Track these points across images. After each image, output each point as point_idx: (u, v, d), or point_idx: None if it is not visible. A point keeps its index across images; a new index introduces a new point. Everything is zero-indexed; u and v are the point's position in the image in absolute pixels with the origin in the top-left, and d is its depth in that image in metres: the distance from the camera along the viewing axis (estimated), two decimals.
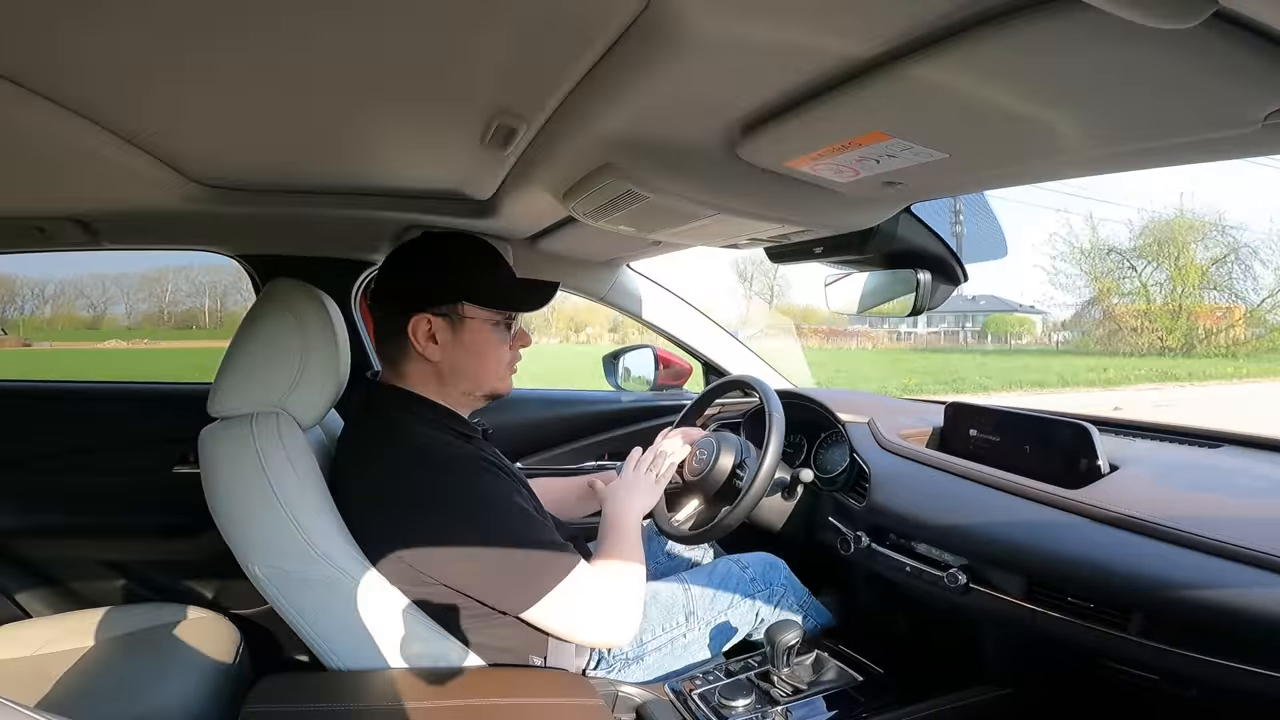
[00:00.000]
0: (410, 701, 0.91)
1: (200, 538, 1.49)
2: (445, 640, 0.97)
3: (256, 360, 1.04)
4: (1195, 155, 0.67)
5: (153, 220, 1.29)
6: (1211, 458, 1.13)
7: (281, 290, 1.08)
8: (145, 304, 17.31)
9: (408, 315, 1.01)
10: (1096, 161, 0.73)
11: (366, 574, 0.95)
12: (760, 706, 1.06)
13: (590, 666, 1.11)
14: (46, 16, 0.56)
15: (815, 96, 0.64)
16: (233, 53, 0.64)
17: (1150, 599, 0.85)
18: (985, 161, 0.77)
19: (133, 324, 16.52)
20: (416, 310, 1.01)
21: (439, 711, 0.90)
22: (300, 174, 1.12)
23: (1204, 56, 0.48)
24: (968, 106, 0.60)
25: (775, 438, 1.24)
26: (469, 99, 0.77)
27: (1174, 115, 0.59)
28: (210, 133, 0.89)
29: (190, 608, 1.39)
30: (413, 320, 1.01)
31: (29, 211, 1.24)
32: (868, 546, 1.22)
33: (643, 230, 1.12)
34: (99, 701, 1.10)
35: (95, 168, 0.94)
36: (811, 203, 0.93)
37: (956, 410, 1.37)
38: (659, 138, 0.79)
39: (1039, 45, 0.49)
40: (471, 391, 1.07)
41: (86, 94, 0.72)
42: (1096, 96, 0.57)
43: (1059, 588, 0.94)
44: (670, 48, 0.57)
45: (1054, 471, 1.08)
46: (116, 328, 15.74)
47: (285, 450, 0.99)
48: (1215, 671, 0.79)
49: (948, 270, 1.21)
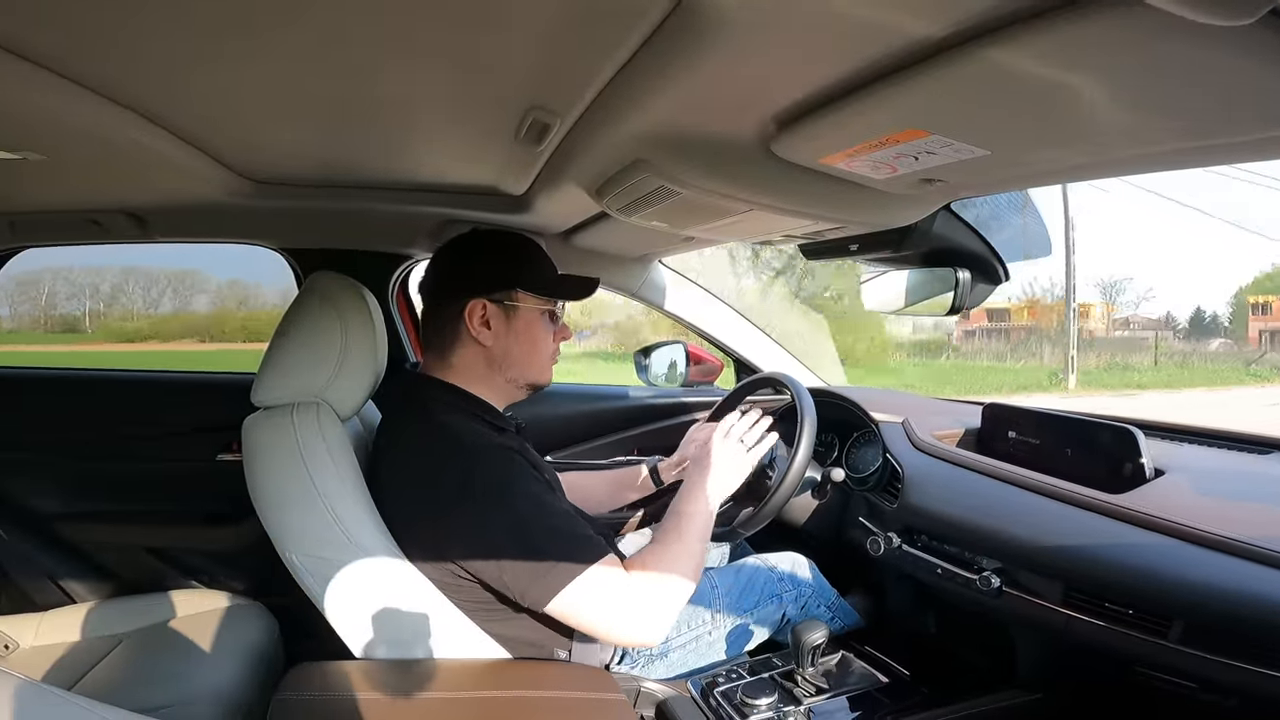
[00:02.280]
0: (437, 692, 0.92)
1: (242, 526, 1.53)
2: (473, 632, 0.98)
3: (298, 351, 1.07)
4: (1248, 154, 0.64)
5: (200, 213, 1.33)
6: (1261, 464, 1.09)
7: (323, 283, 1.11)
8: (25, 306, 16.47)
9: (463, 301, 1.04)
10: (1144, 160, 0.71)
11: (399, 565, 0.96)
12: (782, 706, 1.05)
13: (614, 662, 1.12)
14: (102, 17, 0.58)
15: (852, 92, 0.63)
16: (276, 51, 0.66)
17: (1192, 606, 0.82)
18: (1028, 159, 0.75)
19: (17, 327, 15.99)
20: (473, 296, 1.04)
21: (465, 702, 0.91)
22: (340, 170, 1.15)
23: (1260, 54, 0.46)
24: (1012, 103, 0.59)
25: (806, 436, 1.23)
26: (503, 95, 0.78)
27: (1228, 114, 0.57)
28: (255, 129, 0.92)
29: (229, 595, 1.43)
30: (469, 305, 1.04)
31: (85, 204, 1.28)
32: (898, 547, 1.21)
33: (675, 226, 1.12)
34: (137, 686, 1.14)
35: (147, 162, 0.97)
36: (847, 199, 0.92)
37: (994, 411, 1.35)
38: (693, 133, 0.78)
39: (1088, 41, 0.48)
40: (516, 379, 1.09)
41: (138, 90, 0.75)
42: (1148, 94, 0.55)
43: (1097, 593, 0.91)
44: (705, 42, 0.57)
45: (1096, 475, 1.05)
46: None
47: (324, 440, 1.01)
48: (1257, 681, 0.76)
49: (988, 269, 1.18)
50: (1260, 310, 21.54)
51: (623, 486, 1.41)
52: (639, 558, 0.98)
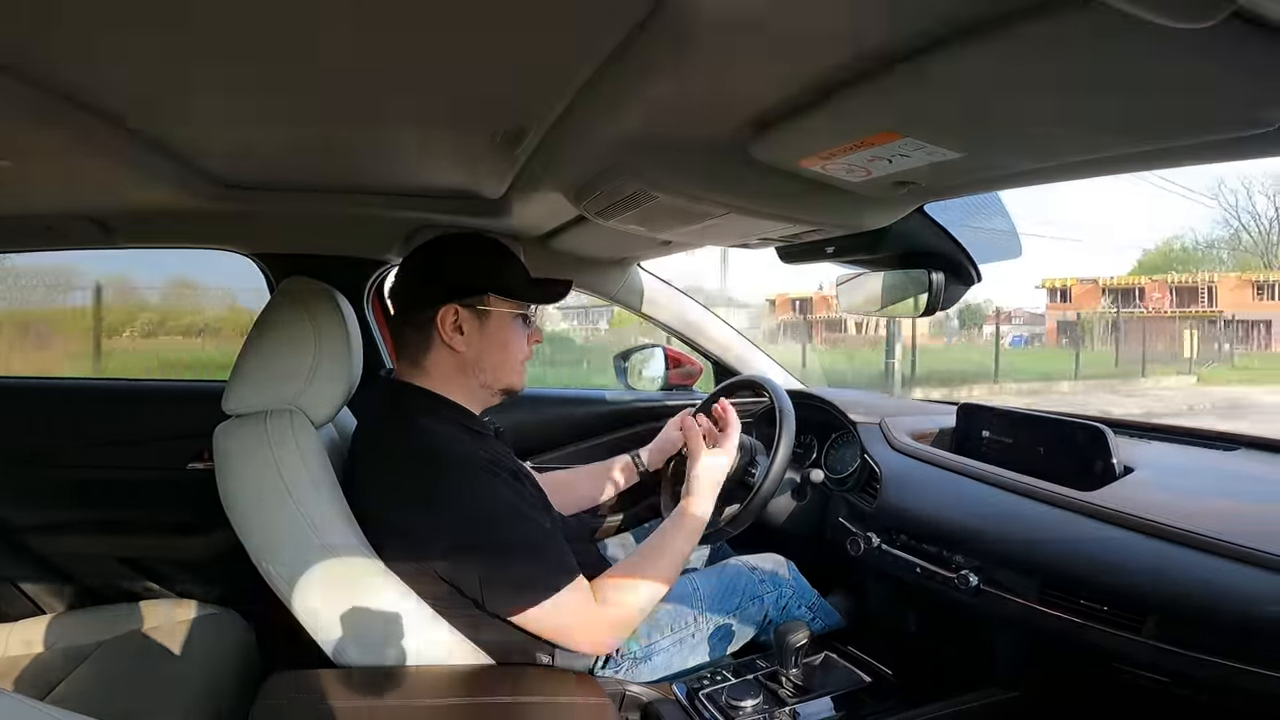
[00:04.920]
0: (418, 699, 0.91)
1: (214, 534, 1.50)
2: (454, 638, 0.97)
3: (271, 358, 1.05)
4: (1213, 155, 0.66)
5: (168, 219, 1.30)
6: (1227, 461, 1.12)
7: (296, 289, 1.09)
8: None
9: (436, 307, 1.03)
10: (1113, 162, 0.72)
11: (377, 572, 0.95)
12: (767, 707, 1.05)
13: (598, 666, 1.11)
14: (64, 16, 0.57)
15: (828, 95, 0.63)
16: (247, 54, 0.65)
17: (1164, 602, 0.84)
18: (999, 162, 0.76)
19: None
20: (444, 301, 1.03)
21: (446, 709, 0.90)
22: (313, 174, 1.13)
23: (1222, 56, 0.47)
24: (983, 106, 0.60)
25: (786, 438, 1.24)
26: (479, 99, 0.77)
27: (1191, 115, 0.58)
28: (225, 133, 0.90)
29: (203, 605, 1.40)
30: (441, 311, 1.03)
31: (46, 210, 1.25)
32: (878, 547, 1.22)
33: (653, 229, 1.12)
34: (111, 696, 1.11)
35: (113, 167, 0.95)
36: (824, 202, 0.93)
37: (969, 411, 1.37)
38: (670, 137, 0.79)
39: (1056, 44, 0.49)
40: (491, 384, 1.08)
41: (103, 93, 0.73)
42: (1114, 96, 0.57)
43: (1072, 590, 0.93)
44: (681, 46, 0.57)
45: (1068, 473, 1.07)
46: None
47: (298, 448, 1.00)
48: (1230, 675, 0.78)
49: (961, 271, 1.20)
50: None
51: (606, 479, 1.42)
52: (615, 574, 1.03)
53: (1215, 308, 21.69)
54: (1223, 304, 21.68)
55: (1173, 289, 23.83)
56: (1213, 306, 21.97)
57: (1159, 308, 22.73)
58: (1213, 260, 26.75)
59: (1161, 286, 24.03)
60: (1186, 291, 23.37)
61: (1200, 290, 23.14)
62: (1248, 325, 21.07)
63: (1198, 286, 23.27)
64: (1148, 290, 24.14)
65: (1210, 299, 22.61)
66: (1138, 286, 24.47)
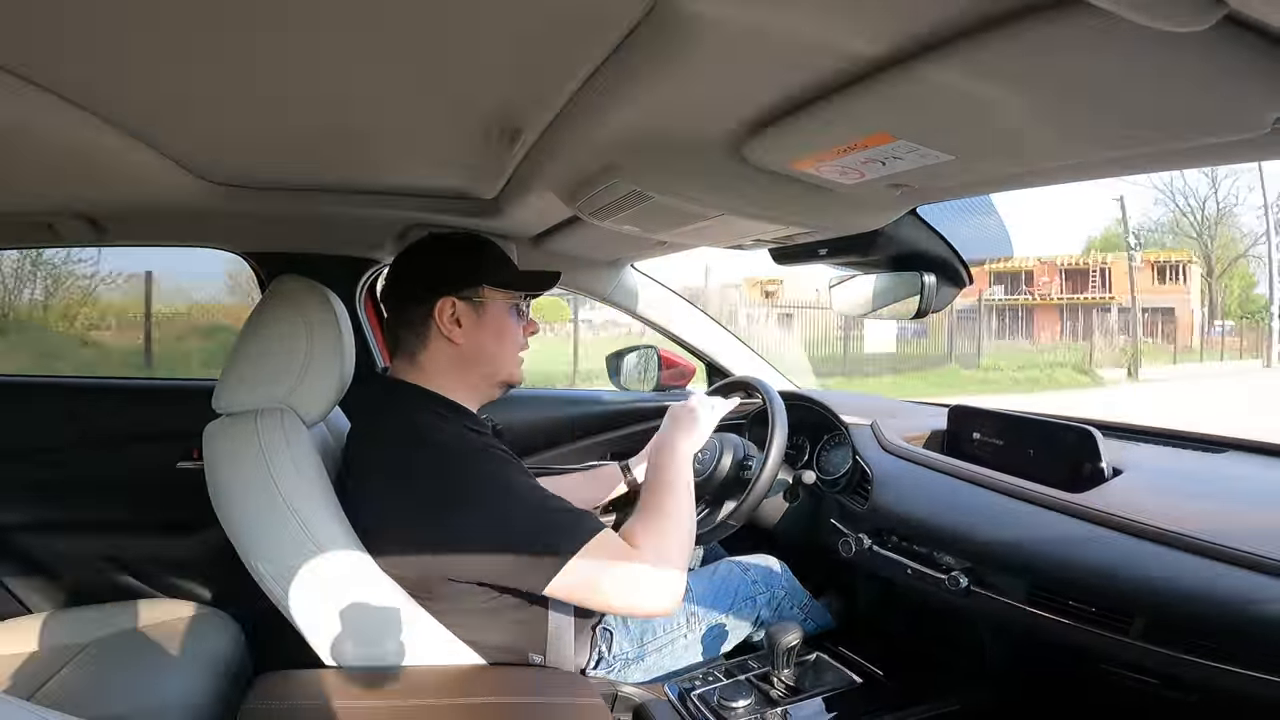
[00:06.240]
0: (410, 699, 0.91)
1: (203, 534, 1.49)
2: (446, 638, 0.97)
3: (262, 356, 1.04)
4: (1205, 159, 0.67)
5: (160, 217, 1.29)
6: (1215, 463, 1.13)
7: (287, 287, 1.09)
8: None
9: (432, 300, 1.03)
10: (1105, 165, 0.73)
11: (369, 572, 0.95)
12: (759, 708, 1.05)
13: (590, 666, 1.11)
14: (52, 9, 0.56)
15: (822, 97, 0.64)
16: (240, 50, 0.65)
17: (1153, 603, 0.85)
18: (992, 164, 0.77)
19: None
20: (441, 294, 1.03)
21: (438, 709, 0.90)
22: (306, 172, 1.13)
23: (1214, 60, 0.47)
24: (975, 109, 0.60)
25: (778, 439, 1.24)
26: (474, 99, 0.77)
27: (1183, 119, 0.59)
28: (218, 130, 0.90)
29: (192, 604, 1.39)
30: (438, 304, 1.03)
31: (37, 208, 1.24)
32: (869, 549, 1.22)
33: (647, 230, 1.12)
34: (100, 697, 1.10)
35: (103, 164, 0.94)
36: (817, 205, 0.93)
37: (960, 413, 1.37)
38: (664, 138, 0.79)
39: (1048, 47, 0.49)
40: (489, 376, 1.08)
41: (94, 89, 0.73)
42: (1105, 100, 0.57)
43: (1061, 591, 0.93)
44: (676, 48, 0.57)
45: (1057, 475, 1.08)
46: None
47: (289, 447, 0.99)
48: (1217, 676, 0.78)
49: (952, 272, 1.21)
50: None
51: (595, 486, 1.41)
52: (633, 528, 0.98)
53: (1109, 294, 20.06)
54: (1119, 290, 19.65)
55: (1063, 272, 21.69)
56: (1107, 293, 20.28)
57: (1045, 294, 21.32)
58: (1154, 243, 24.09)
59: (1051, 269, 21.83)
60: (1078, 274, 21.38)
61: (1091, 273, 21.08)
62: (1152, 313, 19.41)
63: (1088, 269, 21.27)
64: (1035, 274, 21.94)
65: (1105, 283, 20.65)
66: (1024, 271, 22.04)
